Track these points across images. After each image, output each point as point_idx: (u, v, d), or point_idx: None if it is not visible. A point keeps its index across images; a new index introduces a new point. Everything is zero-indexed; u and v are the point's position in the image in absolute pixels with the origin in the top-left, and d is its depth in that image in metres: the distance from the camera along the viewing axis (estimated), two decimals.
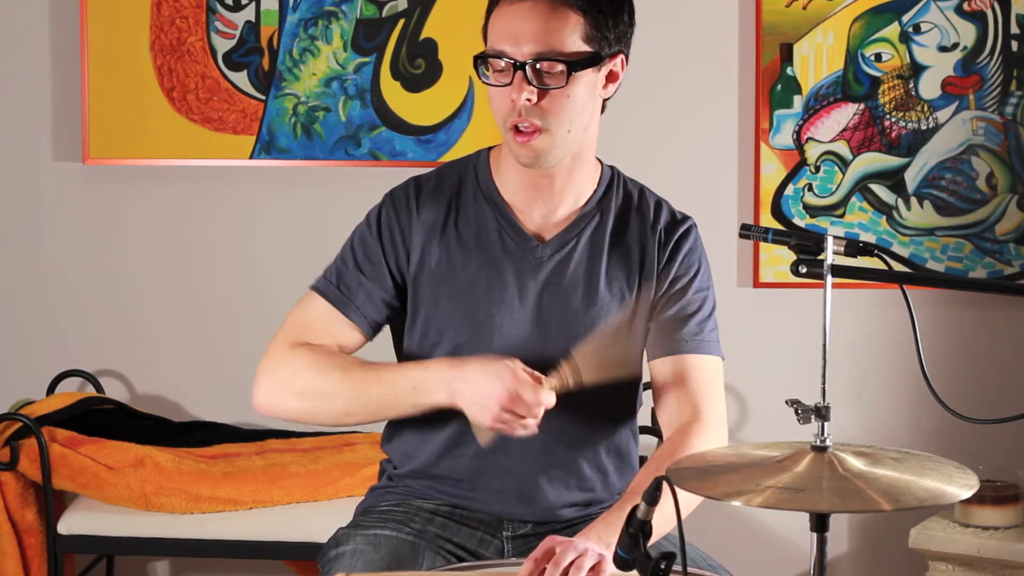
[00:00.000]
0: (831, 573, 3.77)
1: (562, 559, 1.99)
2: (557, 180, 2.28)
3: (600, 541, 2.06)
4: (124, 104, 3.83)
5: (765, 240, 2.11)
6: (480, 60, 2.21)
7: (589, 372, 2.16)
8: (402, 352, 2.36)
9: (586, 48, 2.18)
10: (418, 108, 3.79)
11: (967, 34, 3.64)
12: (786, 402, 1.85)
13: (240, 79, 3.82)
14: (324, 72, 3.80)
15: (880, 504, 1.67)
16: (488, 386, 2.11)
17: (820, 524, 1.75)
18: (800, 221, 3.73)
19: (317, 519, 3.32)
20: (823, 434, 1.81)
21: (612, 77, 2.26)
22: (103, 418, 3.66)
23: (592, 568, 2.00)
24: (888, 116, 3.68)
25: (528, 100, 2.16)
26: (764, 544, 3.80)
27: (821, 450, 1.80)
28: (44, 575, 3.42)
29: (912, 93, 3.67)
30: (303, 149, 3.81)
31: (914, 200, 3.69)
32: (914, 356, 2.03)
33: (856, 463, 1.77)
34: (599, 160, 2.36)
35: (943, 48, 3.66)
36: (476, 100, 3.77)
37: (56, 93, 3.88)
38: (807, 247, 2.04)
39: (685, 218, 2.38)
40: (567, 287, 2.28)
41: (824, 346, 1.83)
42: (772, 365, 3.75)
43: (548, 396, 2.11)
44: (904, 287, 2.04)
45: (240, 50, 3.82)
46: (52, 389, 3.83)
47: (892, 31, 3.67)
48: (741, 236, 2.15)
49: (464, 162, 2.37)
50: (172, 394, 3.94)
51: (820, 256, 1.96)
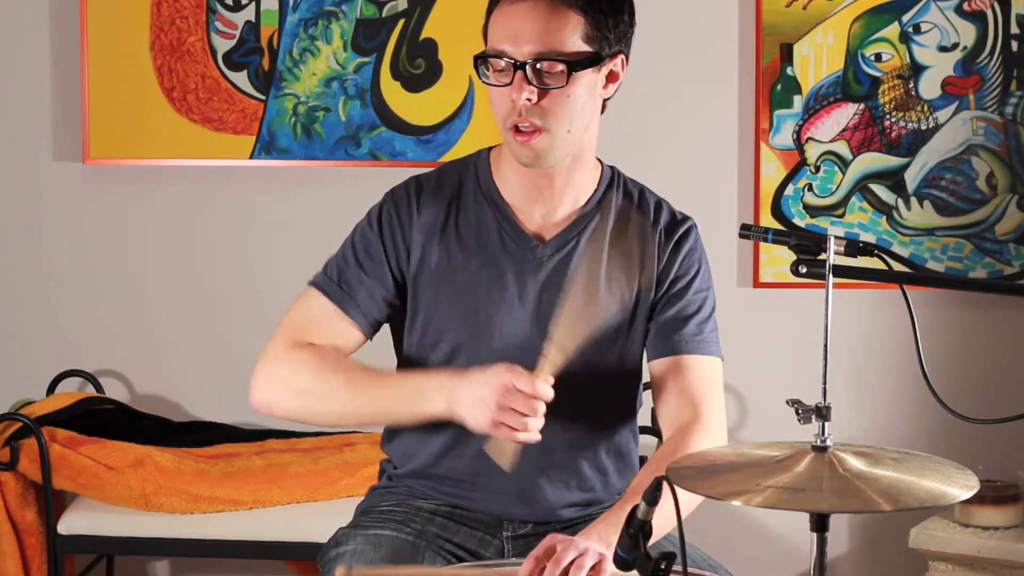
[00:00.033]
0: (831, 573, 3.77)
1: (563, 557, 1.99)
2: (557, 180, 2.28)
3: (601, 540, 2.06)
4: (124, 104, 3.83)
5: (765, 240, 2.11)
6: (480, 60, 2.21)
7: (572, 338, 2.14)
8: (402, 352, 2.36)
9: (586, 48, 2.18)
10: (418, 108, 3.79)
11: (967, 34, 3.64)
12: (787, 402, 1.85)
13: (240, 79, 3.82)
14: (324, 72, 3.80)
15: (880, 504, 1.67)
16: (484, 383, 2.10)
17: (820, 524, 1.75)
18: (800, 221, 3.72)
19: (317, 519, 3.32)
20: (823, 434, 1.81)
21: (612, 77, 2.25)
22: (103, 418, 3.66)
23: (593, 567, 2.00)
24: (888, 116, 3.68)
25: (528, 100, 2.16)
26: (764, 544, 3.79)
27: (821, 450, 1.80)
28: (44, 575, 3.42)
29: (912, 93, 3.67)
30: (303, 149, 3.81)
31: (914, 200, 3.69)
32: (914, 356, 2.03)
33: (856, 463, 1.77)
34: (599, 160, 2.36)
35: (943, 48, 3.66)
36: (476, 100, 3.77)
37: (56, 93, 3.88)
38: (807, 247, 2.04)
39: (685, 218, 2.37)
40: (567, 287, 2.28)
41: (825, 346, 1.83)
42: (772, 365, 3.75)
43: (544, 386, 2.09)
44: (904, 287, 2.05)
45: (240, 50, 3.82)
46: (52, 389, 3.83)
47: (892, 31, 3.67)
48: (741, 236, 2.15)
49: (464, 162, 2.37)
50: (172, 394, 3.93)
51: (820, 256, 1.96)
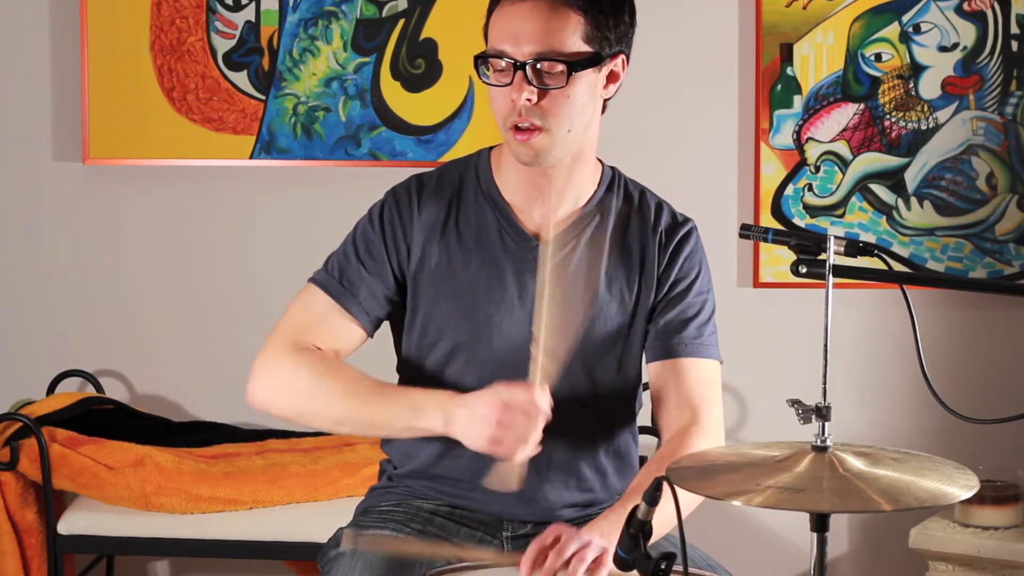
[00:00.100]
0: (831, 573, 3.77)
1: (565, 548, 2.01)
2: (557, 180, 2.28)
3: (603, 537, 2.07)
4: (124, 104, 3.83)
5: (765, 240, 2.11)
6: (480, 60, 2.21)
7: (558, 338, 2.14)
8: (401, 351, 2.36)
9: (587, 48, 2.17)
10: (418, 108, 3.79)
11: (967, 34, 3.64)
12: (787, 402, 1.85)
13: (240, 79, 3.82)
14: (324, 72, 3.80)
15: (880, 504, 1.67)
16: (483, 401, 2.11)
17: (820, 524, 1.75)
18: (800, 221, 3.72)
19: (317, 519, 3.32)
20: (823, 434, 1.81)
21: (613, 77, 2.25)
22: (103, 418, 3.66)
23: (594, 560, 2.01)
24: (888, 116, 3.68)
25: (528, 100, 2.16)
26: (764, 544, 3.79)
27: (821, 450, 1.80)
28: (44, 575, 3.42)
29: (912, 93, 3.67)
30: (303, 149, 3.81)
31: (914, 200, 3.69)
32: (914, 356, 2.03)
33: (856, 463, 1.77)
34: (600, 160, 2.35)
35: (943, 48, 3.66)
36: (476, 100, 3.77)
37: (56, 93, 3.88)
38: (807, 247, 2.04)
39: (686, 220, 2.37)
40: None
41: (825, 346, 1.83)
42: (772, 365, 3.75)
43: (541, 395, 2.09)
44: (904, 287, 2.05)
45: (240, 50, 3.82)
46: (52, 389, 3.83)
47: (892, 31, 3.67)
48: (741, 236, 2.15)
49: (465, 162, 2.37)
50: (172, 394, 3.93)
51: (820, 256, 1.96)
